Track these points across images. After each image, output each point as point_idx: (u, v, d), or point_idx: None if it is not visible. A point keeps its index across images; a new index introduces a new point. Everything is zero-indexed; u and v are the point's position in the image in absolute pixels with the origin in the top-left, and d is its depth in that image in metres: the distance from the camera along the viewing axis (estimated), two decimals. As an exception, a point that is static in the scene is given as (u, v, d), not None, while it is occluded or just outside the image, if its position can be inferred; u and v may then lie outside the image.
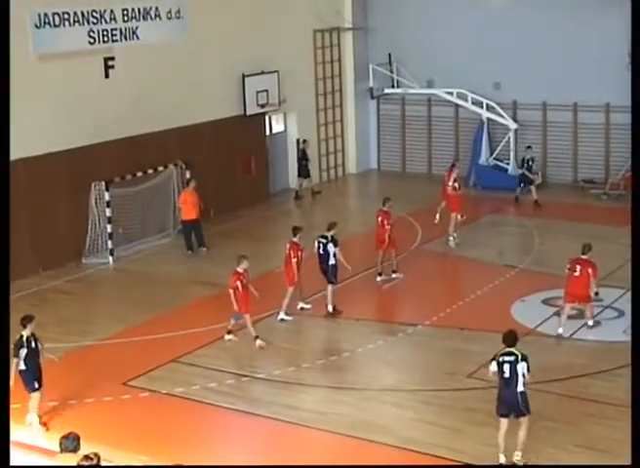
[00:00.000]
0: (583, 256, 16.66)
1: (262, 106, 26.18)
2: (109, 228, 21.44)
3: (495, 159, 28.07)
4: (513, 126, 27.77)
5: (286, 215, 26.45)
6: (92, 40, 21.44)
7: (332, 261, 17.84)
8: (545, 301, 18.21)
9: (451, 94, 28.41)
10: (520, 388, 12.01)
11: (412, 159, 30.40)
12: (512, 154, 27.83)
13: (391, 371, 15.50)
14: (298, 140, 28.03)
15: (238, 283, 16.10)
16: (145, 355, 16.13)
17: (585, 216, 24.18)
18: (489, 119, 28.01)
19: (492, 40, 27.84)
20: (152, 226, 22.71)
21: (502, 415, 12.22)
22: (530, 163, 25.83)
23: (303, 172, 27.53)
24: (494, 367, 12.21)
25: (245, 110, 25.70)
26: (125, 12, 22.18)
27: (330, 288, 17.84)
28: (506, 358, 12.11)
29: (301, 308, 18.11)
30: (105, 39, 21.80)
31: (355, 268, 19.66)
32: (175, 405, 14.36)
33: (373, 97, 30.01)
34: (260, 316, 17.56)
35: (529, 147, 26.24)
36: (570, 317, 17.34)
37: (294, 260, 17.52)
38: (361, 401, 14.30)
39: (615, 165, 27.09)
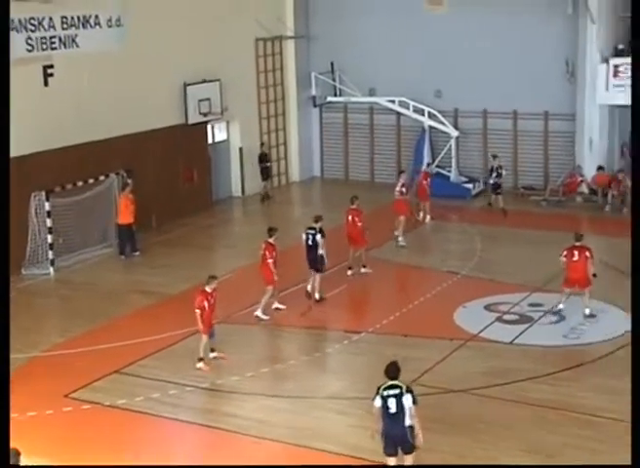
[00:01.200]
0: (578, 243, 17.47)
1: (205, 115, 26.09)
2: (50, 238, 21.17)
3: (437, 166, 28.29)
4: (454, 133, 28.04)
5: (228, 224, 26.42)
6: (30, 47, 21.17)
7: (320, 251, 18.59)
8: (487, 307, 18.38)
9: (393, 102, 28.61)
10: (407, 422, 11.21)
11: (355, 167, 30.53)
12: (454, 162, 28.09)
13: (335, 379, 15.52)
14: (240, 148, 27.99)
15: (205, 303, 15.83)
16: (87, 366, 15.93)
17: (525, 223, 24.50)
18: (430, 127, 28.25)
19: (433, 48, 28.11)
20: (94, 236, 22.49)
21: (390, 455, 11.39)
22: (499, 171, 25.58)
23: (264, 174, 27.81)
24: (378, 402, 11.29)
25: (187, 119, 25.58)
26: (64, 19, 21.96)
27: (318, 277, 18.63)
28: (391, 392, 11.27)
29: (276, 308, 18.24)
30: (44, 47, 21.55)
31: (301, 276, 19.69)
32: (117, 416, 14.21)
33: (315, 106, 30.09)
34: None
35: (495, 156, 26.09)
36: (511, 322, 17.58)
37: (270, 261, 17.75)
38: (305, 409, 14.29)
39: (554, 172, 27.50)
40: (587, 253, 17.41)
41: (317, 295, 18.78)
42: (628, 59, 25.27)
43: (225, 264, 22.05)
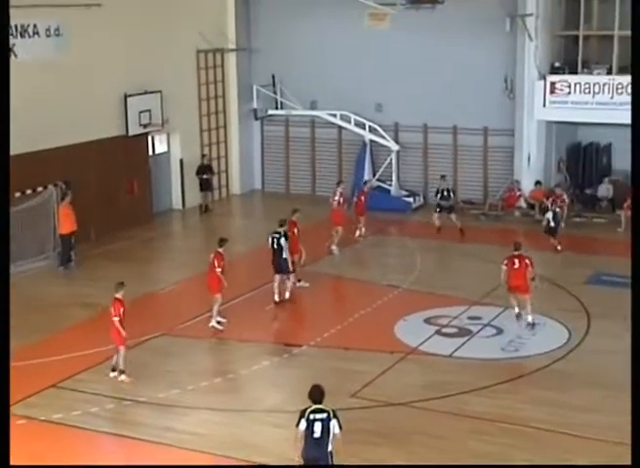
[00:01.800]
0: (517, 252, 18.05)
1: (145, 126, 25.91)
2: (-13, 251, 20.76)
3: (378, 180, 28.45)
4: (395, 147, 28.24)
5: (168, 236, 26.24)
6: (-34, 56, 20.79)
7: (284, 255, 19.15)
8: (427, 320, 18.49)
9: (334, 115, 28.72)
10: (330, 448, 10.98)
11: (296, 180, 30.55)
12: (394, 175, 28.27)
13: (275, 392, 15.46)
14: (181, 160, 27.83)
15: (122, 309, 15.70)
16: (23, 381, 15.55)
17: (465, 236, 24.70)
18: (371, 141, 28.41)
19: (375, 63, 28.30)
20: (31, 248, 22.12)
21: None
22: (444, 193, 25.21)
23: (203, 185, 27.69)
24: (303, 425, 10.97)
25: (127, 130, 25.38)
26: (2, 28, 21.61)
27: (291, 277, 19.56)
28: (317, 415, 11.01)
29: (218, 322, 18.10)
30: (-19, 56, 21.18)
31: (240, 289, 19.65)
32: (52, 431, 13.99)
33: (257, 119, 30.07)
34: (143, 338, 17.35)
35: (443, 177, 25.94)
36: (451, 335, 17.72)
37: (218, 270, 17.82)
38: (243, 422, 14.22)
39: (493, 186, 27.84)
40: (527, 261, 17.99)
41: (287, 295, 19.51)
42: (565, 77, 25.89)
43: (166, 277, 21.90)
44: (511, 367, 16.26)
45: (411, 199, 27.97)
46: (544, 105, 26.07)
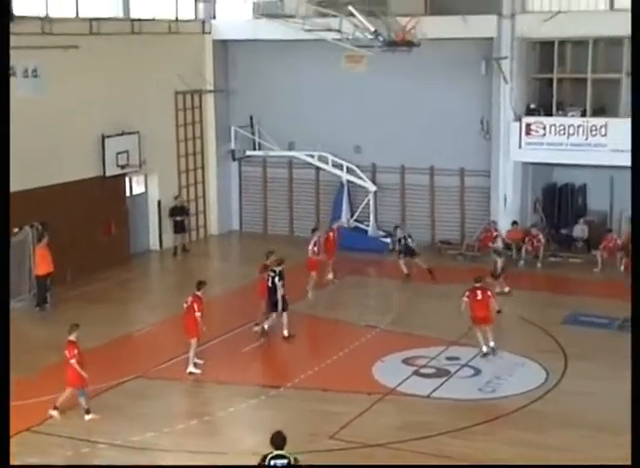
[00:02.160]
0: (477, 285, 18.64)
1: (123, 167, 25.88)
2: (-39, 292, 20.58)
3: (355, 221, 28.52)
4: (373, 188, 28.35)
5: (145, 278, 26.11)
6: (-57, 98, 20.75)
7: (278, 294, 19.52)
8: (405, 361, 18.47)
9: (312, 156, 28.85)
10: None
11: (273, 221, 30.58)
12: (372, 216, 28.35)
13: (252, 434, 15.32)
14: (159, 202, 27.77)
15: (76, 351, 15.82)
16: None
17: (442, 277, 24.71)
18: (349, 181, 28.52)
19: (352, 105, 28.49)
20: (6, 289, 21.93)
21: None
22: (402, 241, 25.10)
23: (177, 227, 27.55)
24: None
25: (105, 171, 25.35)
26: (-21, 69, 21.64)
27: (285, 315, 19.65)
28: (278, 461, 10.99)
29: (195, 364, 17.96)
30: (-42, 97, 21.17)
31: (217, 331, 19.55)
32: (89, 465, 13.86)
33: (234, 159, 30.14)
34: (120, 380, 17.24)
35: (397, 227, 25.96)
36: (429, 376, 17.69)
37: (197, 314, 17.71)
38: (219, 465, 14.05)
39: (470, 226, 27.96)
40: (489, 293, 18.66)
41: (285, 333, 19.69)
42: (540, 118, 26.14)
43: (142, 318, 21.77)
44: (489, 407, 16.23)
45: (388, 239, 28.00)
46: (520, 146, 26.31)
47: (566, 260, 26.12)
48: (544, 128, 25.90)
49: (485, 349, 18.32)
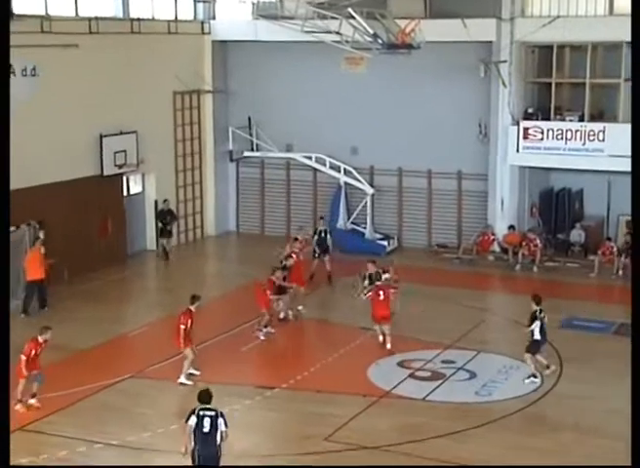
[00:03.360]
0: (379, 283, 19.43)
1: (120, 167, 25.87)
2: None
3: (352, 223, 28.51)
4: (370, 191, 28.35)
5: (142, 277, 26.08)
6: (-59, 95, 20.71)
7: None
8: (400, 363, 18.47)
9: (309, 158, 28.84)
10: (218, 442, 12.36)
11: (271, 222, 30.56)
12: (369, 218, 28.35)
13: (247, 436, 15.28)
14: (156, 201, 27.72)
15: (33, 351, 16.01)
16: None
17: (438, 280, 24.75)
18: (346, 183, 28.52)
19: (350, 106, 28.49)
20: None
21: None
22: (322, 234, 24.96)
23: (163, 231, 27.17)
24: (192, 421, 12.31)
25: (102, 170, 25.33)
26: (-22, 68, 21.62)
27: (285, 298, 20.55)
28: (207, 412, 12.40)
29: (191, 374, 17.74)
30: (-44, 94, 21.14)
31: (212, 332, 19.55)
32: (86, 465, 13.87)
33: (232, 160, 30.13)
34: (115, 380, 17.24)
35: (321, 218, 26.40)
36: (424, 379, 17.69)
37: (182, 327, 17.34)
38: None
39: (467, 230, 27.95)
40: (391, 291, 19.39)
41: (282, 315, 20.54)
42: (538, 123, 26.17)
43: (138, 318, 21.72)
44: (484, 411, 16.22)
45: (385, 242, 28.03)
46: (518, 151, 26.32)
47: (563, 265, 26.12)
48: (542, 132, 25.92)
49: (389, 346, 18.91)
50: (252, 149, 29.76)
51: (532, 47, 26.66)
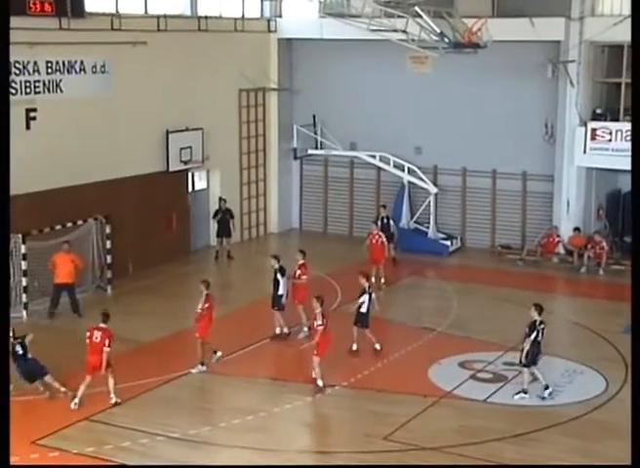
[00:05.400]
0: (375, 231, 22.48)
1: (185, 163, 26.14)
2: (25, 281, 20.98)
3: (415, 222, 28.42)
4: (433, 190, 28.22)
5: (204, 273, 26.22)
6: (13, 91, 21.16)
7: (280, 291, 19.83)
8: (462, 364, 18.36)
9: (374, 157, 28.81)
10: None
11: (333, 220, 30.61)
12: (432, 218, 28.22)
13: (307, 433, 15.39)
14: (219, 198, 27.78)
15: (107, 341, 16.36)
16: (57, 413, 15.72)
17: (502, 281, 24.56)
18: (410, 183, 28.43)
19: (415, 106, 28.40)
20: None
21: None
22: (384, 221, 25.81)
23: (220, 230, 27.06)
24: None
25: (168, 166, 25.62)
26: (49, 64, 22.02)
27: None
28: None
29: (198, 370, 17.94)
30: (28, 90, 21.59)
31: (272, 329, 19.66)
32: (85, 465, 13.97)
33: (296, 158, 30.22)
34: (177, 374, 17.43)
35: (383, 206, 26.91)
36: (485, 380, 17.57)
37: (198, 310, 18.07)
38: (277, 462, 14.12)
39: (531, 232, 27.67)
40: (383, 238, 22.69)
41: (277, 331, 19.72)
42: (606, 124, 25.79)
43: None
44: (546, 415, 16.04)
45: (448, 242, 27.90)
46: (585, 152, 25.97)
47: (629, 269, 25.67)
48: (610, 133, 25.53)
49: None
50: (316, 147, 29.82)
51: (601, 46, 26.27)
